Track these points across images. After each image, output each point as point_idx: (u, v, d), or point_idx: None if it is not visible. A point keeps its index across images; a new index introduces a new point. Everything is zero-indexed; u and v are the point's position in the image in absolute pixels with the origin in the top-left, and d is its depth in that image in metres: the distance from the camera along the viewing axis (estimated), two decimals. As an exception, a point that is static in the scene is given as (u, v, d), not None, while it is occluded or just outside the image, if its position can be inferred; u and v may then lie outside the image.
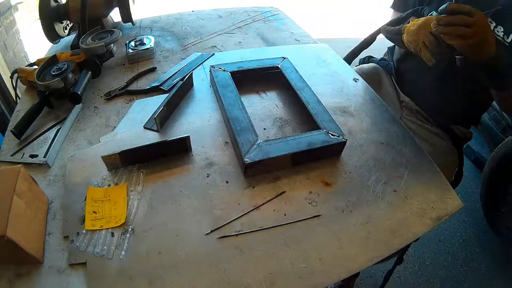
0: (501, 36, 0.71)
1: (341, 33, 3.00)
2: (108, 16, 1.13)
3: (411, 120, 0.99)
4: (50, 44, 1.08)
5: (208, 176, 0.64)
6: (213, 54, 1.02)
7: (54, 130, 0.73)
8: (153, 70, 0.95)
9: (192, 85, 0.87)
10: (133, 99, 0.84)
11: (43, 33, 1.00)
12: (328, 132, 0.67)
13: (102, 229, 0.55)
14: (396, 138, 0.75)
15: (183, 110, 0.80)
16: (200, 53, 1.02)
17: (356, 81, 0.92)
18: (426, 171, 0.68)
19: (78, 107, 0.79)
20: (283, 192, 0.62)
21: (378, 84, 1.05)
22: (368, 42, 1.00)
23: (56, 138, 0.71)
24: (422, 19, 0.74)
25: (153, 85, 0.87)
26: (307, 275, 0.51)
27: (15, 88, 0.91)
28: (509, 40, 0.70)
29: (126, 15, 1.08)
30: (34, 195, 0.55)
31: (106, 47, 0.89)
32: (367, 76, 1.01)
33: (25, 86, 0.89)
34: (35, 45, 1.74)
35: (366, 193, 0.62)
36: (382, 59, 1.12)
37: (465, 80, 0.78)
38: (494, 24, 0.72)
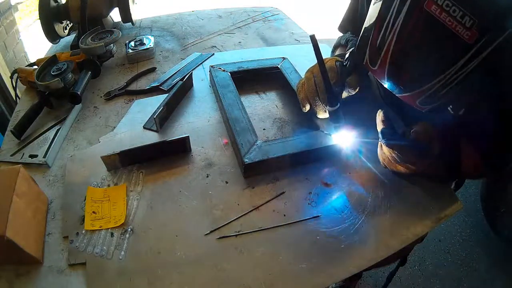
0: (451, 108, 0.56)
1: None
2: (108, 16, 1.13)
3: None
4: (50, 44, 1.08)
5: (207, 177, 0.64)
6: (213, 54, 1.02)
7: (53, 130, 0.73)
8: (152, 70, 0.95)
9: (192, 85, 0.87)
10: (133, 99, 0.84)
11: (43, 33, 1.00)
12: (327, 133, 0.67)
13: (102, 229, 0.55)
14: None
15: (183, 110, 0.80)
16: (200, 53, 1.02)
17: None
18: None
19: (77, 107, 0.80)
20: (283, 193, 0.62)
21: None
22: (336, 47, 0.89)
23: (55, 138, 0.71)
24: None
25: (152, 85, 0.87)
26: (306, 275, 0.51)
27: (15, 88, 0.91)
28: (460, 113, 0.55)
29: (126, 15, 1.08)
30: (34, 195, 0.55)
31: (106, 47, 0.89)
32: None
33: (25, 86, 0.89)
34: (35, 45, 1.74)
35: (365, 193, 0.62)
36: None
37: None
38: None
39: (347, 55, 0.64)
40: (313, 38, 0.60)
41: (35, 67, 0.88)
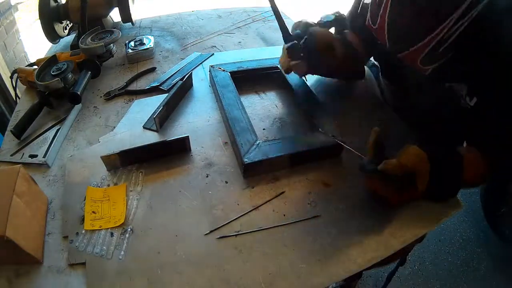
0: (463, 96, 0.57)
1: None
2: (108, 16, 1.13)
3: None
4: (50, 44, 1.08)
5: (207, 176, 0.64)
6: (213, 54, 1.02)
7: (53, 130, 0.73)
8: (152, 70, 0.95)
9: (192, 85, 0.87)
10: (133, 99, 0.84)
11: (43, 33, 1.00)
12: (327, 133, 0.67)
13: (102, 229, 0.55)
14: (396, 138, 0.74)
15: (183, 110, 0.80)
16: (200, 53, 1.02)
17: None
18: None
19: (77, 107, 0.80)
20: (283, 193, 0.62)
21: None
22: None
23: (55, 138, 0.71)
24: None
25: (152, 85, 0.87)
26: (306, 275, 0.51)
27: (15, 88, 0.91)
28: (472, 104, 0.57)
29: (126, 15, 1.08)
30: (34, 195, 0.55)
31: (106, 47, 0.89)
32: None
33: (25, 86, 0.89)
34: (35, 45, 1.74)
35: (366, 194, 0.62)
36: (373, 65, 1.01)
37: None
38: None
39: (302, 41, 0.72)
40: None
41: (35, 67, 0.88)
